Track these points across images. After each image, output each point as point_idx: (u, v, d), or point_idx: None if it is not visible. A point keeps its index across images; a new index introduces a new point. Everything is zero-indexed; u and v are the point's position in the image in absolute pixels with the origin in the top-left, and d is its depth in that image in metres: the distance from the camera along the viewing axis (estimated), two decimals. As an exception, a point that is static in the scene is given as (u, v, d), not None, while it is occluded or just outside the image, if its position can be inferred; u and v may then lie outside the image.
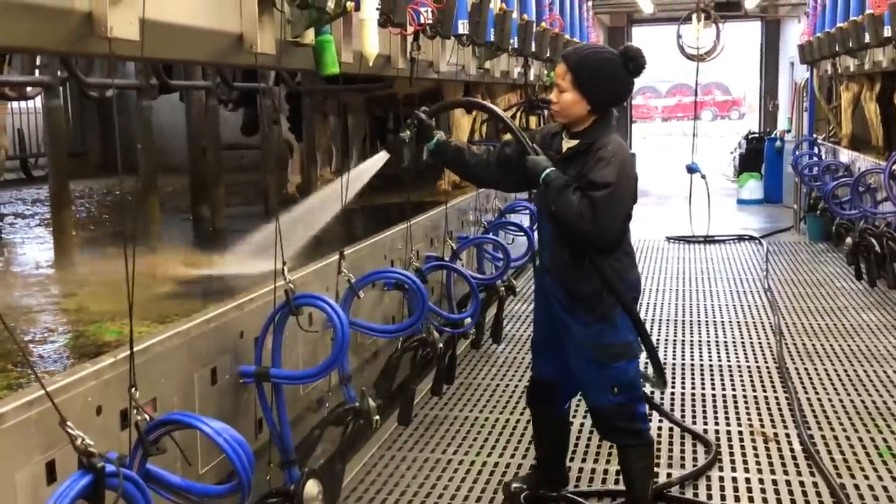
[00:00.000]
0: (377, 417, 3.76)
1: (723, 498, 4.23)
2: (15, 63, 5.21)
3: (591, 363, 3.56)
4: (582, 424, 5.02)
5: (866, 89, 9.27)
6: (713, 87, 41.84)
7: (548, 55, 7.77)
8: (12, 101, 6.08)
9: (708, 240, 11.24)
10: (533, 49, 7.09)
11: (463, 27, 5.07)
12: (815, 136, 11.51)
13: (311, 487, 3.04)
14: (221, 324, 3.03)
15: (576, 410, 5.05)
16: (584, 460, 4.65)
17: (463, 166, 3.77)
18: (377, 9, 3.62)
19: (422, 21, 4.28)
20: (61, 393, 2.25)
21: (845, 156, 9.74)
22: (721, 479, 4.46)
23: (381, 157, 3.77)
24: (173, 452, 2.44)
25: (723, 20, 14.21)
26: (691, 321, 7.45)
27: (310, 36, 3.31)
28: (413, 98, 7.70)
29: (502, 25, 5.81)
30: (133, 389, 2.27)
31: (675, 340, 6.88)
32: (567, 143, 3.50)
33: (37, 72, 5.29)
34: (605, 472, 4.52)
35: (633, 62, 3.42)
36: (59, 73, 4.55)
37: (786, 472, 4.50)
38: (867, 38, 7.15)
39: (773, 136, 15.28)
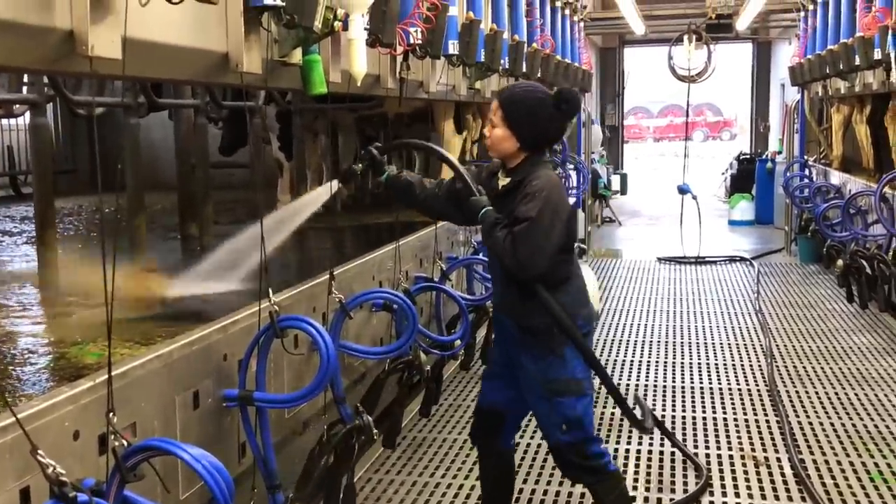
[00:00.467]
0: (376, 431, 3.73)
1: (713, 523, 4.20)
2: (2, 80, 5.19)
3: (541, 398, 3.56)
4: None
5: (857, 111, 9.29)
6: (705, 108, 42.00)
7: (539, 76, 7.75)
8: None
9: (699, 261, 11.23)
10: (524, 69, 7.08)
11: (453, 47, 5.05)
12: (806, 157, 11.53)
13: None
14: (204, 346, 2.98)
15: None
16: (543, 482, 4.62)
17: (413, 199, 3.81)
18: (365, 29, 3.59)
19: (411, 41, 4.26)
20: (38, 418, 2.20)
21: (836, 178, 9.75)
22: (712, 503, 4.43)
23: (331, 188, 3.86)
24: (154, 478, 2.39)
25: (714, 42, 14.26)
26: (682, 343, 7.42)
27: (297, 55, 3.29)
28: (403, 117, 7.69)
29: (493, 46, 5.80)
30: (111, 414, 2.22)
31: (665, 363, 6.84)
32: (502, 181, 3.56)
33: (24, 89, 5.26)
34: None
35: (566, 104, 3.45)
36: (45, 90, 4.52)
37: (777, 497, 4.46)
38: (857, 61, 7.16)
39: (764, 157, 15.33)
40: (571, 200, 11.11)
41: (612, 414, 5.57)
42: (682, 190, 11.58)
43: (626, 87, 21.27)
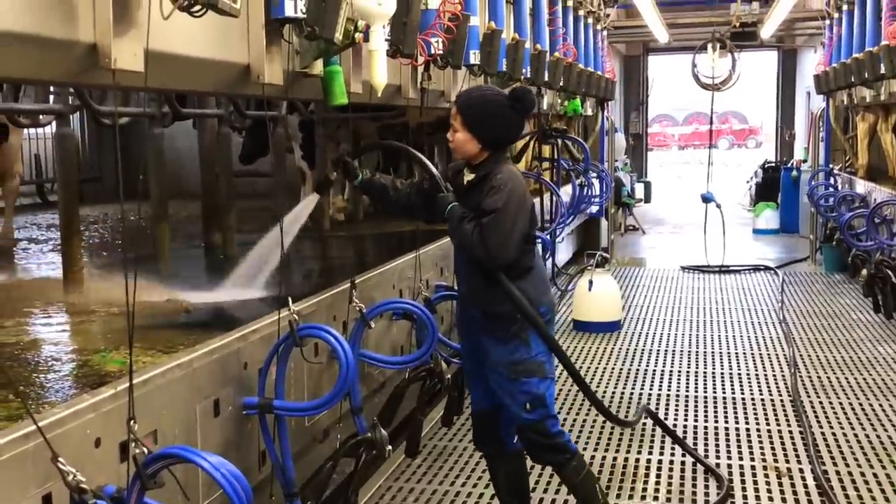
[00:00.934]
0: (389, 447, 3.76)
1: (734, 535, 4.18)
2: (28, 90, 5.25)
3: (506, 380, 3.73)
4: (592, 457, 4.96)
5: (882, 120, 9.22)
6: (730, 116, 41.83)
7: (561, 84, 7.76)
8: (26, 127, 6.11)
9: (723, 269, 11.17)
10: (546, 78, 7.09)
11: (474, 57, 5.07)
12: (831, 166, 11.45)
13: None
14: (224, 355, 3.01)
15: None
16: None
17: (387, 201, 4.00)
18: (386, 40, 3.62)
19: (432, 52, 4.28)
20: (59, 425, 2.23)
21: (861, 186, 9.68)
22: (733, 513, 4.41)
23: (312, 199, 3.98)
24: (174, 486, 2.41)
25: (738, 49, 14.20)
26: (705, 352, 7.38)
27: (318, 66, 3.32)
28: (425, 126, 7.71)
29: (514, 55, 5.81)
30: (132, 422, 2.25)
31: (688, 372, 6.81)
32: (467, 177, 3.74)
33: (51, 98, 5.33)
34: None
35: (519, 103, 3.64)
36: (70, 100, 4.57)
37: (799, 509, 4.44)
38: (882, 69, 7.12)
39: (789, 165, 15.23)
40: (594, 209, 11.18)
41: (642, 428, 5.56)
42: (706, 199, 11.52)
43: (650, 95, 21.21)
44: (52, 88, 5.17)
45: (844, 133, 11.30)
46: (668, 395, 6.25)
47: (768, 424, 5.64)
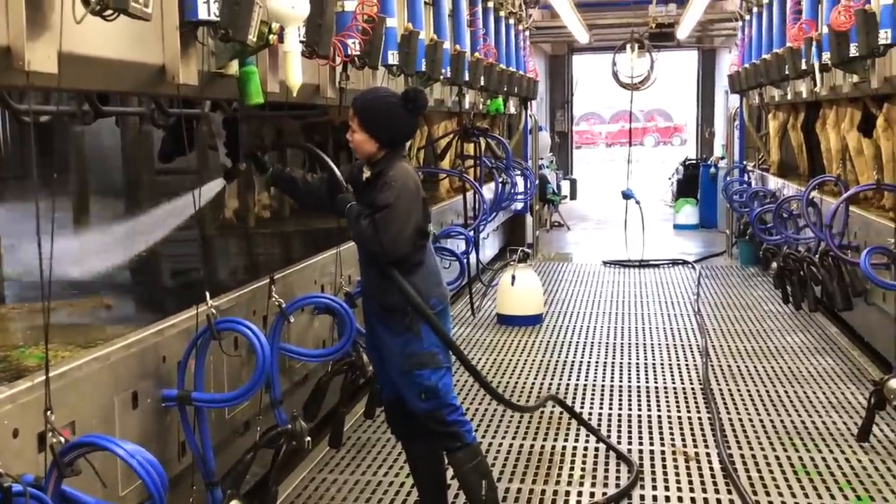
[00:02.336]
0: (308, 439, 3.86)
1: (642, 515, 4.38)
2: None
3: (401, 372, 3.92)
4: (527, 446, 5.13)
5: (792, 118, 9.57)
6: (656, 114, 42.55)
7: (482, 84, 7.92)
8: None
9: (642, 264, 11.46)
10: (466, 78, 7.24)
11: (393, 58, 5.19)
12: (745, 163, 11.83)
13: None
14: (142, 348, 3.08)
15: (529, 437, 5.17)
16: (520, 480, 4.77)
17: (296, 194, 4.26)
18: (301, 41, 3.72)
19: (349, 52, 4.39)
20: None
21: (773, 183, 10.04)
22: (642, 497, 4.60)
23: (216, 184, 4.10)
24: (93, 475, 2.49)
25: (657, 50, 14.56)
26: (622, 343, 7.62)
27: (234, 67, 3.40)
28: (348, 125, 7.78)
29: (433, 56, 5.94)
30: (48, 412, 2.33)
31: (605, 363, 7.03)
32: (366, 174, 3.93)
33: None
34: (562, 493, 4.64)
35: (412, 103, 3.83)
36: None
37: (704, 491, 4.66)
38: (787, 71, 7.42)
39: (708, 162, 15.65)
40: (519, 206, 11.38)
41: (552, 413, 5.75)
42: (626, 195, 11.82)
43: (576, 93, 21.55)
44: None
45: (757, 131, 11.68)
46: (585, 385, 6.45)
47: (679, 411, 5.88)
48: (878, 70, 5.42)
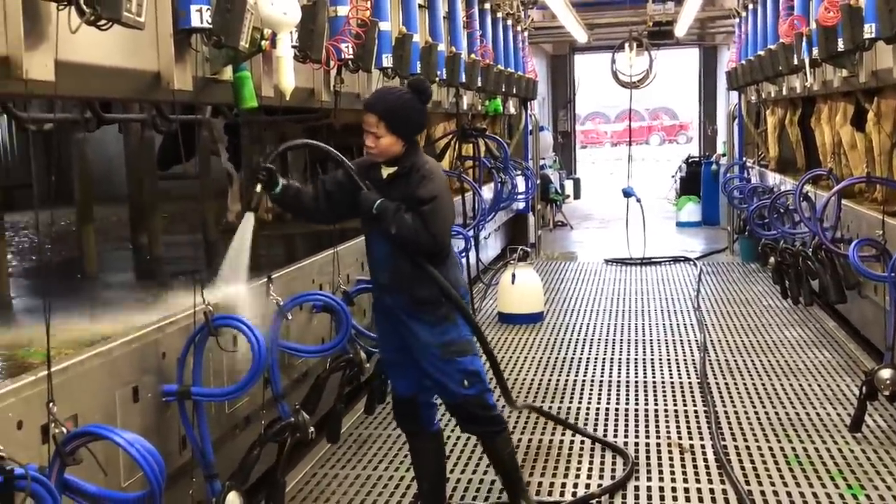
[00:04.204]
0: (312, 429, 3.95)
1: (636, 505, 4.47)
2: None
3: (440, 360, 3.91)
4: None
5: (790, 114, 9.65)
6: (661, 113, 42.57)
7: (479, 85, 8.02)
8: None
9: (644, 262, 11.54)
10: (462, 80, 7.34)
11: (387, 60, 5.30)
12: (745, 159, 11.90)
13: (232, 500, 3.21)
14: (142, 345, 3.19)
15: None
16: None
17: (300, 207, 4.02)
18: (294, 46, 3.83)
19: (342, 56, 4.50)
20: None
21: (772, 178, 10.11)
22: (636, 488, 4.69)
23: (249, 221, 3.68)
24: (96, 466, 2.60)
25: (656, 48, 14.65)
26: (622, 340, 7.70)
27: (228, 72, 3.51)
28: (350, 127, 7.89)
29: (428, 58, 6.05)
30: (51, 404, 2.43)
31: (604, 359, 7.11)
32: (387, 170, 3.89)
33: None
34: (559, 485, 4.74)
35: (423, 94, 3.88)
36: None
37: (698, 481, 4.74)
38: (781, 66, 7.50)
39: (710, 160, 15.72)
40: (521, 206, 11.47)
41: (548, 409, 5.83)
42: (627, 193, 11.90)
43: (578, 93, 21.63)
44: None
45: (756, 127, 11.76)
46: (584, 381, 6.54)
47: (676, 405, 5.96)
48: (865, 64, 5.50)
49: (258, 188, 3.74)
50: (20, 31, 2.38)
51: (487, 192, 9.35)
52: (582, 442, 5.30)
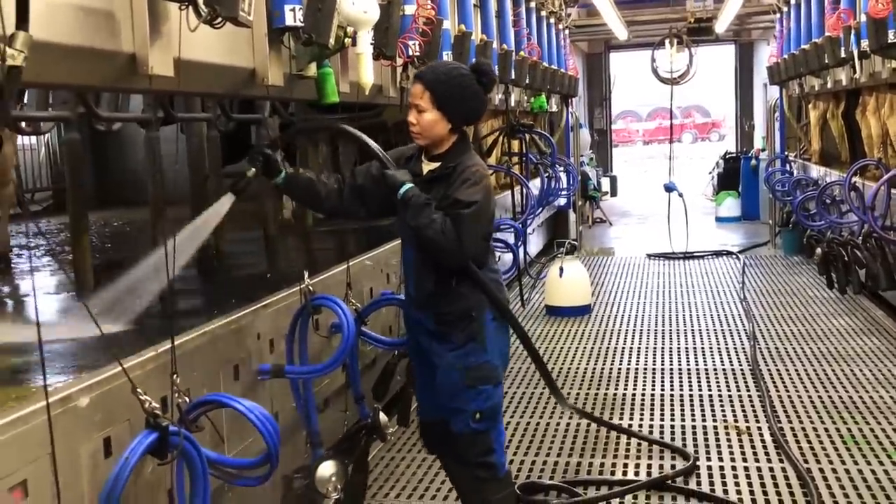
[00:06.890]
0: (392, 430, 4.08)
1: (698, 484, 4.60)
2: (29, 98, 5.56)
3: (458, 386, 3.46)
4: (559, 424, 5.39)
5: (832, 107, 9.73)
6: (693, 110, 42.47)
7: (527, 82, 8.19)
8: (27, 135, 6.41)
9: (687, 256, 11.64)
10: (513, 76, 7.51)
11: (447, 57, 5.48)
12: (786, 153, 11.97)
13: (326, 469, 3.41)
14: (240, 326, 3.40)
15: (545, 408, 5.42)
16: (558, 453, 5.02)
17: (315, 199, 3.58)
18: (371, 44, 4.01)
19: (410, 53, 4.68)
20: (114, 380, 2.60)
21: (815, 171, 10.19)
22: (697, 467, 4.81)
23: (226, 201, 3.36)
24: (210, 436, 2.80)
25: (695, 44, 14.74)
26: (670, 329, 7.83)
27: (312, 69, 3.71)
28: (403, 125, 8.08)
29: (483, 55, 6.23)
30: (174, 376, 2.63)
31: (654, 348, 7.25)
32: (427, 166, 3.47)
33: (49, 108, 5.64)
34: (586, 465, 4.90)
35: (486, 77, 3.44)
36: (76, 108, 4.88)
37: (757, 461, 4.87)
38: (827, 59, 7.61)
39: (749, 155, 15.78)
40: (562, 201, 11.61)
41: (615, 395, 5.96)
42: (668, 188, 12.00)
43: (613, 91, 21.72)
44: (50, 98, 5.49)
45: (798, 121, 11.83)
46: (637, 369, 6.68)
47: (729, 390, 6.09)
48: (915, 55, 5.62)
49: (250, 172, 3.39)
50: (146, 30, 2.58)
51: (532, 187, 9.51)
52: (640, 428, 5.44)
